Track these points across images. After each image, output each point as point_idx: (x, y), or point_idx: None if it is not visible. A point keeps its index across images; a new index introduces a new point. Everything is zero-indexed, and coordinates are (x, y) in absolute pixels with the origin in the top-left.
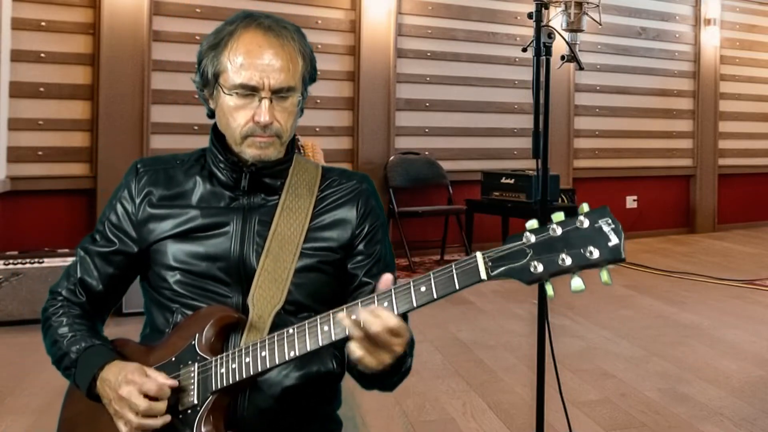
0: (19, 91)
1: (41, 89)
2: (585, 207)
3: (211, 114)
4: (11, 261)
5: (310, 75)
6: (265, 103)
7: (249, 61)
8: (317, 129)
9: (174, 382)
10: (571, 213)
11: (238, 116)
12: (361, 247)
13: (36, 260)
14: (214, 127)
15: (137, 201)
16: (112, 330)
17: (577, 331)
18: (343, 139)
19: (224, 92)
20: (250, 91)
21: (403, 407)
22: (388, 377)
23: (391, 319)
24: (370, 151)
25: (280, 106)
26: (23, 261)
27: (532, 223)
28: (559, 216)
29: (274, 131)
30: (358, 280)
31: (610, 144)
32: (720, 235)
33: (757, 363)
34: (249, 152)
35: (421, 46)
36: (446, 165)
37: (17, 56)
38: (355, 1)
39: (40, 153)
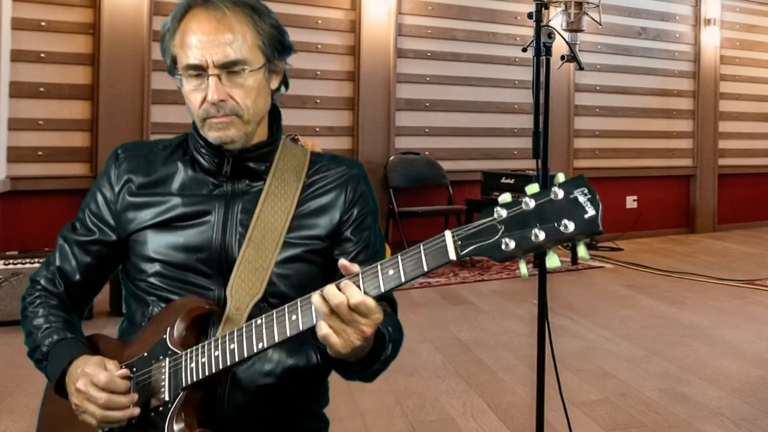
0: (19, 91)
1: (41, 89)
2: (561, 177)
3: None
4: (11, 261)
5: (274, 45)
6: (212, 80)
7: (191, 40)
8: (317, 129)
9: (125, 372)
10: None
11: (193, 99)
12: (348, 233)
13: (36, 260)
14: None
15: (116, 189)
16: (111, 330)
17: (577, 331)
18: (343, 139)
19: (180, 77)
20: (197, 70)
21: (403, 407)
22: (366, 365)
23: (355, 296)
24: (370, 151)
25: (232, 81)
26: (23, 261)
27: (505, 197)
28: (533, 188)
29: (230, 109)
30: None
31: (610, 144)
32: (720, 235)
33: (757, 363)
34: (211, 135)
35: (421, 46)
36: (446, 165)
37: (17, 56)
38: (355, 1)
39: (40, 153)
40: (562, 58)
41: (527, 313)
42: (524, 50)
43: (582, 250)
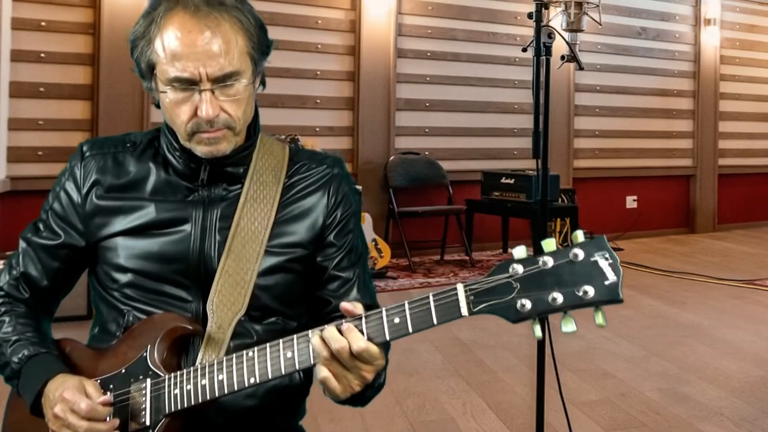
0: (19, 91)
1: (41, 89)
2: (580, 236)
3: (159, 105)
4: None
5: (261, 49)
6: (206, 95)
7: (180, 50)
8: (317, 129)
9: (107, 398)
10: (570, 215)
11: (179, 112)
12: (331, 238)
13: None
14: None
15: (83, 191)
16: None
17: (578, 331)
18: (343, 139)
19: (161, 86)
20: (187, 84)
21: (403, 407)
22: (360, 393)
23: (358, 342)
24: (370, 151)
25: (225, 94)
26: None
27: (520, 252)
28: (550, 244)
29: (223, 123)
30: (327, 273)
31: (610, 144)
32: (720, 235)
33: (757, 363)
34: (199, 149)
35: (421, 46)
36: (446, 165)
37: (17, 56)
38: (355, 1)
39: (40, 153)
40: (562, 58)
41: None
42: (524, 50)
43: (599, 318)
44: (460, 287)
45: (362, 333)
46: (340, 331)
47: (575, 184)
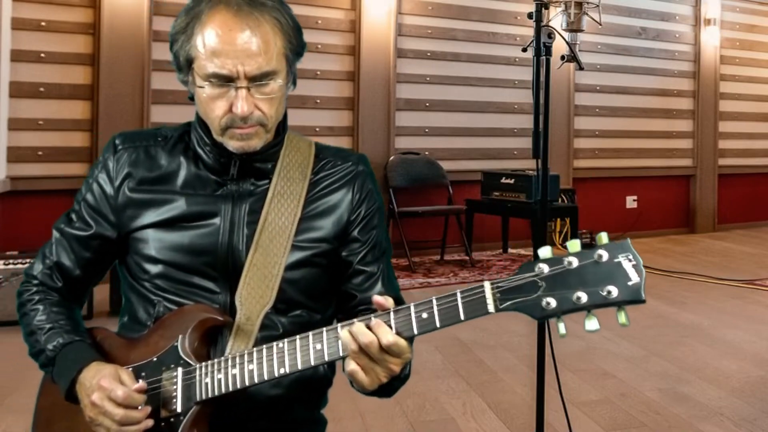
0: (19, 91)
1: (41, 89)
2: (604, 237)
3: (193, 99)
4: (11, 261)
5: (296, 50)
6: (242, 93)
7: (220, 47)
8: (317, 129)
9: (142, 386)
10: (573, 214)
11: (215, 107)
12: (356, 233)
13: None
14: None
15: (116, 183)
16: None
17: (577, 331)
18: (343, 139)
19: (198, 81)
20: (224, 80)
21: (403, 407)
22: (387, 384)
23: (387, 336)
24: (370, 151)
25: (260, 92)
26: (23, 261)
27: (546, 252)
28: (575, 245)
29: (256, 120)
30: (352, 268)
31: (610, 144)
32: (720, 235)
33: (757, 363)
34: (231, 144)
35: (421, 46)
36: (446, 165)
37: (17, 56)
38: (355, 1)
39: (40, 153)
40: (562, 58)
41: None
42: (524, 50)
43: (622, 317)
44: (486, 285)
45: (390, 327)
46: (368, 327)
47: (575, 184)
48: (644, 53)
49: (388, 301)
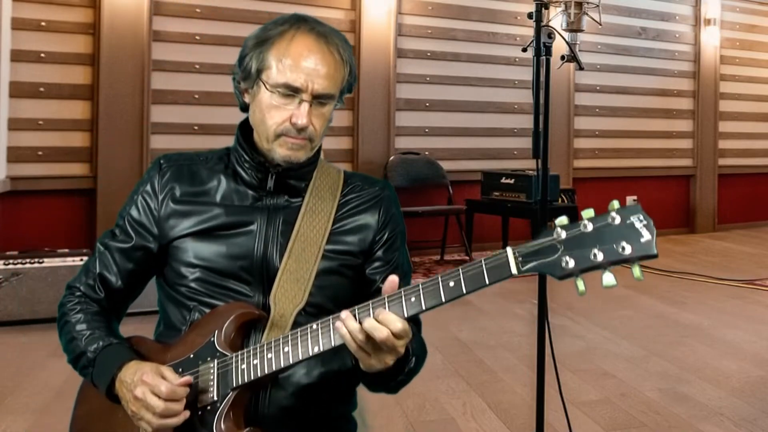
0: (19, 91)
1: (41, 89)
2: (615, 204)
3: (244, 108)
4: (11, 261)
5: (349, 86)
6: (305, 106)
7: (297, 63)
8: None
9: (187, 379)
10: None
11: (275, 114)
12: (380, 253)
13: (36, 260)
14: (241, 125)
15: (160, 197)
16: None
17: (577, 331)
18: (343, 139)
19: (266, 88)
20: (292, 91)
21: (403, 407)
22: (392, 377)
23: (396, 324)
24: (370, 151)
25: (317, 111)
26: (23, 261)
27: (562, 220)
28: (589, 212)
29: (308, 134)
30: (376, 286)
31: (610, 144)
32: (720, 235)
33: (757, 363)
34: (279, 152)
35: (421, 46)
36: (446, 165)
37: (17, 56)
38: (355, 1)
39: (40, 153)
40: (562, 58)
41: (527, 313)
42: (524, 50)
43: (637, 271)
44: (509, 249)
45: (419, 299)
46: (377, 320)
47: (575, 184)
48: (644, 53)
49: (394, 282)
